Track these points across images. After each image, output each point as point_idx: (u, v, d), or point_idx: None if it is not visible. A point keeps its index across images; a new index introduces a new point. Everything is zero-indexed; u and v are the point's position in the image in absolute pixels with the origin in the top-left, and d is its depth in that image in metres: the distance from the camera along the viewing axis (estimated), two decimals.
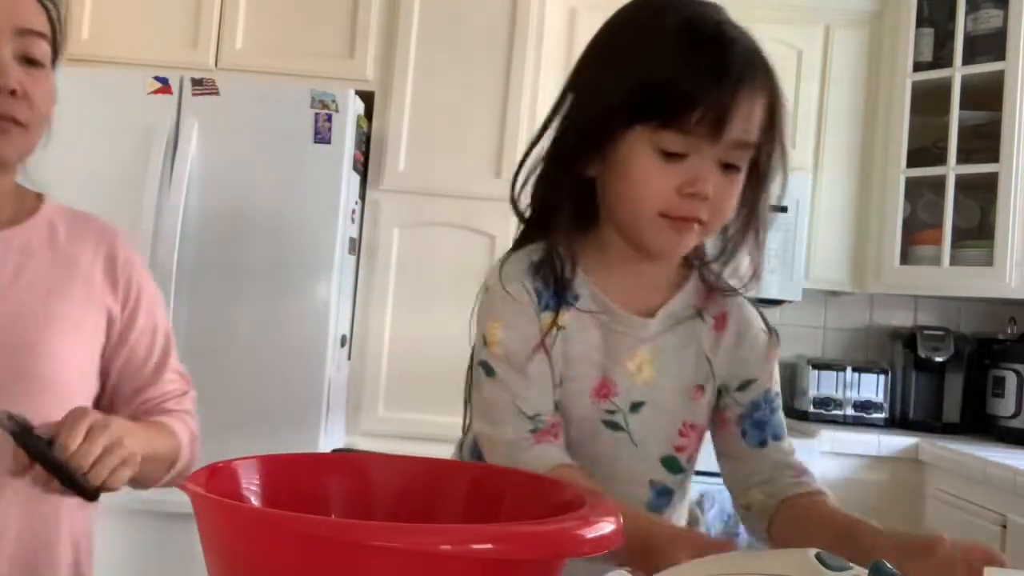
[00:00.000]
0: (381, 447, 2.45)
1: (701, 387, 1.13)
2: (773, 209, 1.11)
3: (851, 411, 3.14)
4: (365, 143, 2.83)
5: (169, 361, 1.25)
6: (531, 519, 0.70)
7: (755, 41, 1.02)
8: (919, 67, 3.08)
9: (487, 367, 1.08)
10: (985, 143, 2.97)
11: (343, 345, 2.74)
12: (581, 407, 1.09)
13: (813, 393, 3.16)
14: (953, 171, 2.99)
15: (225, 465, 0.78)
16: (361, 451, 1.50)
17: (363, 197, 2.84)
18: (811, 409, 3.14)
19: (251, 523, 0.66)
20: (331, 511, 0.84)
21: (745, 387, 1.14)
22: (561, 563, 0.68)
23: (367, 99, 2.81)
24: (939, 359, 3.13)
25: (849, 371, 3.17)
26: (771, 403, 1.15)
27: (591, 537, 0.65)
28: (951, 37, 3.03)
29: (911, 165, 3.06)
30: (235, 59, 2.86)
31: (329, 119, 2.57)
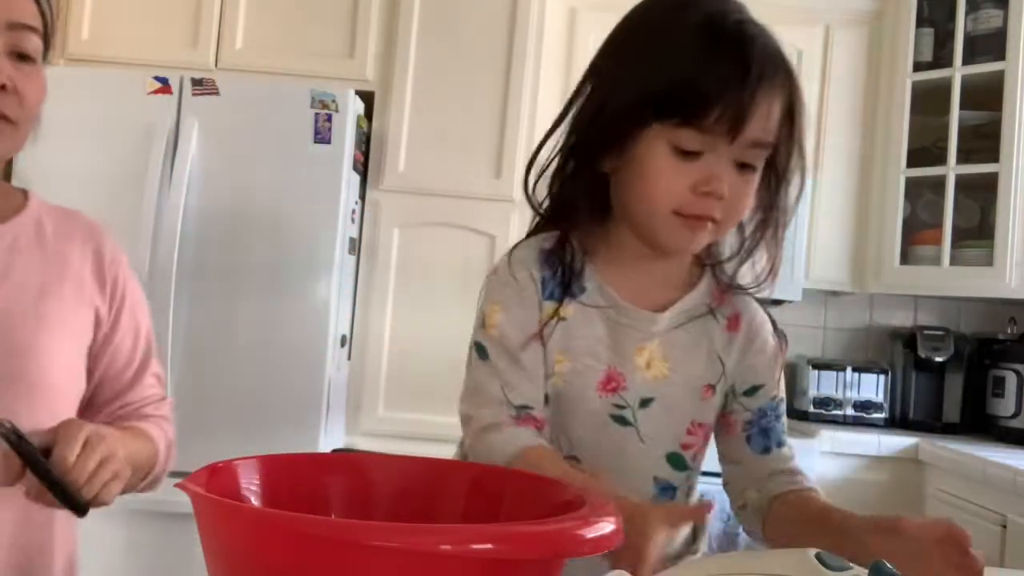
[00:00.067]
0: (381, 447, 2.45)
1: (712, 387, 1.12)
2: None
3: (851, 411, 3.13)
4: (365, 143, 2.83)
5: (150, 364, 1.23)
6: (531, 519, 0.70)
7: (776, 39, 1.01)
8: (919, 67, 3.07)
9: (481, 348, 1.08)
10: (985, 143, 2.97)
11: (343, 345, 2.74)
12: (588, 400, 1.08)
13: (813, 393, 3.15)
14: (953, 171, 2.99)
15: (225, 465, 0.78)
16: (361, 451, 1.50)
17: (363, 197, 2.84)
18: (811, 409, 3.14)
19: (251, 523, 0.66)
20: (331, 511, 0.84)
21: (753, 392, 1.14)
22: (561, 563, 0.68)
23: (367, 99, 2.81)
24: (939, 359, 3.13)
25: (849, 371, 3.17)
26: (776, 410, 1.15)
27: (591, 537, 0.65)
28: (951, 37, 3.03)
29: (911, 165, 3.06)
30: (235, 59, 2.86)
31: (329, 119, 2.57)
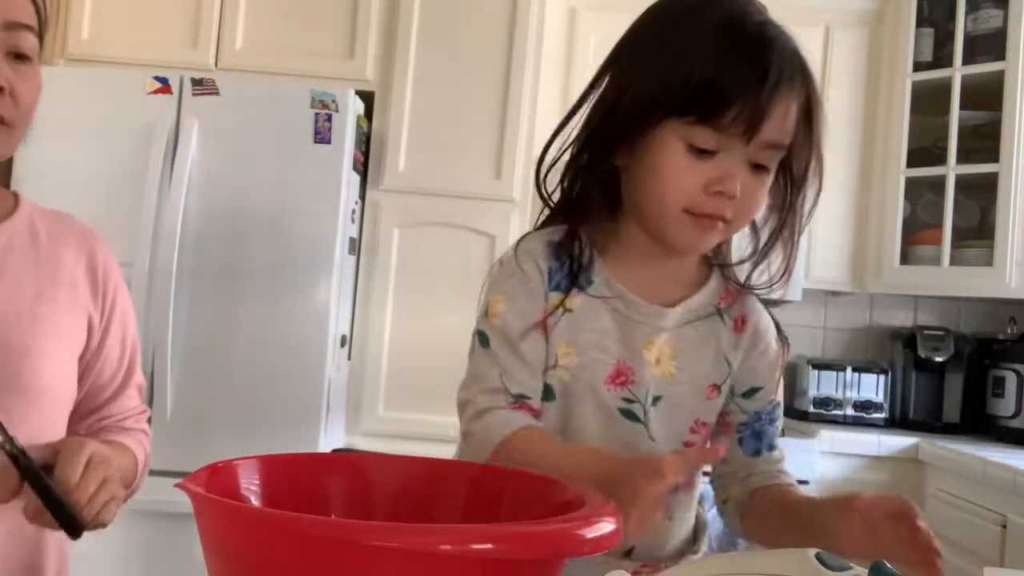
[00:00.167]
0: (381, 447, 2.45)
1: (717, 387, 1.12)
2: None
3: (851, 411, 3.14)
4: (365, 143, 2.83)
5: (134, 375, 1.22)
6: (531, 519, 0.70)
7: (795, 42, 1.01)
8: (919, 67, 3.08)
9: (483, 336, 1.08)
10: (985, 143, 2.97)
11: (343, 345, 2.74)
12: (597, 394, 1.08)
13: (813, 393, 3.16)
14: (953, 171, 2.99)
15: (225, 465, 0.78)
16: (361, 451, 1.50)
17: (363, 197, 2.84)
18: (811, 409, 3.14)
19: (251, 523, 0.66)
20: (331, 511, 0.84)
21: (751, 395, 1.14)
22: (561, 563, 0.68)
23: (367, 99, 2.81)
24: (939, 359, 3.13)
25: (849, 371, 3.17)
26: (771, 414, 1.15)
27: (591, 537, 0.65)
28: (951, 37, 3.03)
29: (911, 165, 3.06)
30: (235, 59, 2.86)
31: (329, 119, 2.57)
